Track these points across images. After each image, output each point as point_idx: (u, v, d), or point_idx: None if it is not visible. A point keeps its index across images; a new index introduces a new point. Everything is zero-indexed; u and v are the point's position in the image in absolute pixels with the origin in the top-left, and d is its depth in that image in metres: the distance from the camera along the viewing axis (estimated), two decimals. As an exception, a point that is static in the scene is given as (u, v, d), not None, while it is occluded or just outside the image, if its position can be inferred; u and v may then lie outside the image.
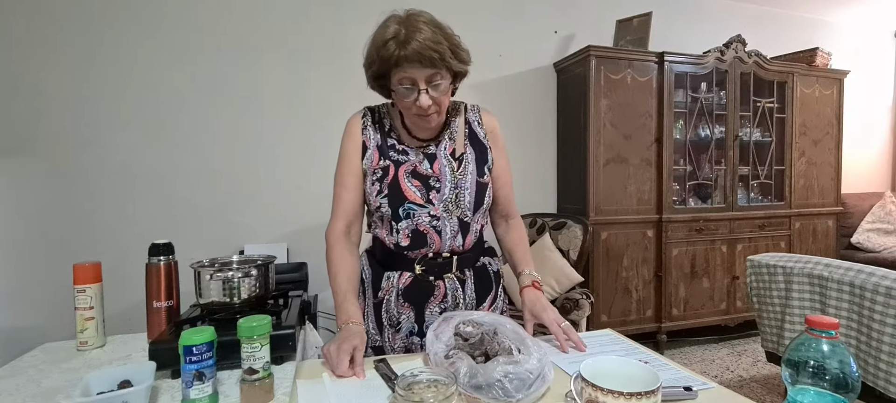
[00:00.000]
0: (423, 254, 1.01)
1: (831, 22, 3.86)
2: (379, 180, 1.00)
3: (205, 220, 2.42)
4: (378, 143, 1.03)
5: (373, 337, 1.06)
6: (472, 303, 1.06)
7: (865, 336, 1.53)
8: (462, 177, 1.01)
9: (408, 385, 0.64)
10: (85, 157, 2.25)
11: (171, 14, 2.34)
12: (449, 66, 0.91)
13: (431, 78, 0.90)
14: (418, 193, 0.99)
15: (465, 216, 1.02)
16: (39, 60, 2.18)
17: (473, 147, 1.05)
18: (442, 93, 0.92)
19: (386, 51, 0.88)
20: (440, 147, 1.03)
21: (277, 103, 2.51)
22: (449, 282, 1.03)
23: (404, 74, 0.89)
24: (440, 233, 1.00)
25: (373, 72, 0.95)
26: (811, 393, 0.56)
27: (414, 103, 0.91)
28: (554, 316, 0.98)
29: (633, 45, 2.86)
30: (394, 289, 1.03)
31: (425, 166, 1.01)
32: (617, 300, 2.74)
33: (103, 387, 0.72)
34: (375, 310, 1.06)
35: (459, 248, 1.02)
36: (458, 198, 1.00)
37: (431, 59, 0.87)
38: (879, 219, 3.56)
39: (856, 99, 3.82)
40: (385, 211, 0.99)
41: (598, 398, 0.57)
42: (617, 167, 2.74)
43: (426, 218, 0.99)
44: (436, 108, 0.93)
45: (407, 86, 0.90)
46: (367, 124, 1.05)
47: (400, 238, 1.00)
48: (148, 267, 1.02)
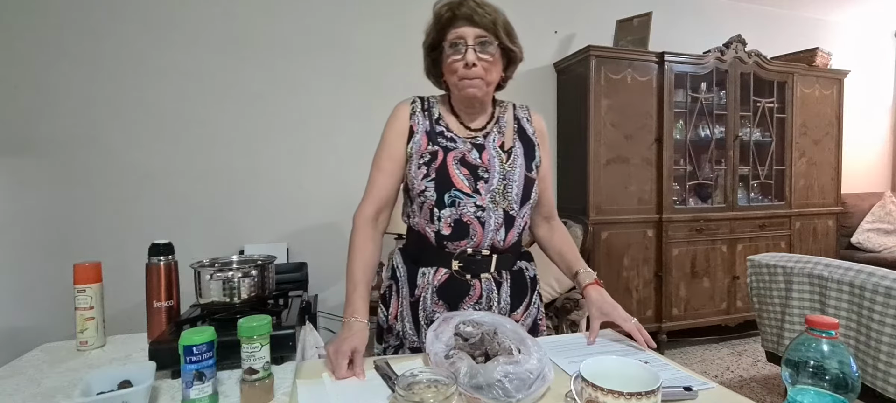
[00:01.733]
0: (463, 248, 0.98)
1: (831, 22, 3.86)
2: (426, 164, 0.98)
3: (205, 220, 2.42)
4: (426, 129, 1.01)
5: (411, 339, 1.03)
6: (506, 309, 1.03)
7: (865, 336, 1.53)
8: (511, 170, 1.00)
9: (408, 385, 0.64)
10: (85, 157, 2.25)
11: (172, 14, 2.34)
12: (498, 36, 0.94)
13: (480, 38, 0.93)
14: (466, 181, 0.97)
15: (512, 209, 0.99)
16: (39, 60, 2.18)
17: (522, 142, 1.05)
18: (490, 59, 0.94)
19: (440, 12, 0.94)
20: (489, 139, 1.02)
21: (278, 103, 2.51)
22: (485, 283, 1.00)
23: (455, 32, 0.93)
24: (483, 225, 0.97)
25: (429, 41, 0.99)
26: (811, 393, 0.56)
27: (460, 62, 0.93)
28: (623, 313, 0.98)
29: (634, 45, 2.86)
30: (429, 286, 1.00)
31: (474, 155, 0.99)
32: (617, 300, 2.67)
33: (103, 387, 0.72)
34: (412, 310, 1.02)
35: (501, 244, 1.00)
36: (506, 189, 0.99)
37: (483, 20, 0.92)
38: (879, 219, 3.56)
39: (856, 99, 3.82)
40: (429, 196, 0.96)
41: (598, 398, 0.57)
42: (617, 167, 2.74)
43: (471, 209, 0.96)
44: (480, 73, 0.94)
45: (456, 45, 0.93)
46: (416, 111, 1.04)
47: (441, 226, 0.97)
48: (148, 267, 1.01)
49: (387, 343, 1.08)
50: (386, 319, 1.08)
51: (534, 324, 1.09)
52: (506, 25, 0.96)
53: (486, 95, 1.00)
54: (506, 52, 0.98)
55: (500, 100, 1.10)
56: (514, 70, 1.04)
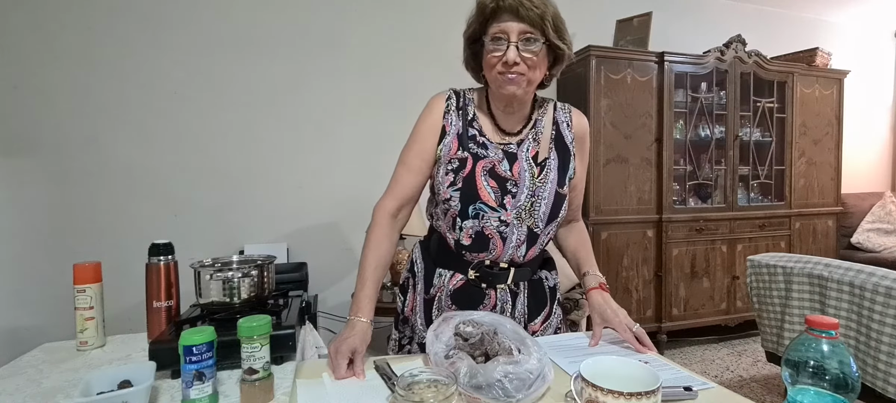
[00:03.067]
0: (481, 260, 0.96)
1: (831, 22, 3.86)
2: (454, 171, 0.93)
3: (205, 220, 2.42)
4: (458, 131, 0.96)
5: (421, 334, 1.02)
6: (523, 319, 1.00)
7: (865, 336, 1.53)
8: (541, 186, 0.95)
9: (408, 385, 0.64)
10: (85, 157, 2.25)
11: (172, 14, 2.34)
12: (545, 32, 0.86)
13: (525, 34, 0.85)
14: (493, 195, 0.93)
15: (537, 227, 0.96)
16: (39, 60, 2.18)
17: (558, 152, 0.99)
18: (534, 57, 0.86)
19: (483, 2, 0.86)
20: (522, 147, 0.96)
21: (277, 103, 2.51)
22: (501, 293, 0.98)
23: (498, 26, 0.86)
24: (505, 241, 0.94)
25: (470, 32, 0.92)
26: (811, 393, 0.56)
27: (500, 59, 0.86)
28: (625, 320, 0.94)
29: (634, 45, 2.86)
30: (445, 289, 0.98)
31: (504, 166, 0.94)
32: (617, 300, 2.69)
33: (103, 387, 0.72)
34: (426, 307, 1.01)
35: (520, 260, 0.97)
36: (534, 206, 0.94)
37: (529, 14, 0.83)
38: (879, 219, 3.56)
39: (856, 99, 3.82)
40: (454, 205, 0.93)
41: (598, 398, 0.57)
42: (617, 167, 2.74)
43: (495, 223, 0.93)
44: (523, 69, 0.86)
45: (498, 40, 0.86)
46: (450, 108, 0.98)
47: (462, 236, 0.94)
48: (148, 267, 1.01)
49: (402, 333, 1.08)
50: (403, 309, 1.08)
51: (555, 334, 1.07)
52: (556, 20, 0.87)
53: (526, 94, 0.93)
54: (552, 49, 0.90)
55: (543, 98, 1.03)
56: (560, 69, 0.95)
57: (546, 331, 1.05)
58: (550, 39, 0.87)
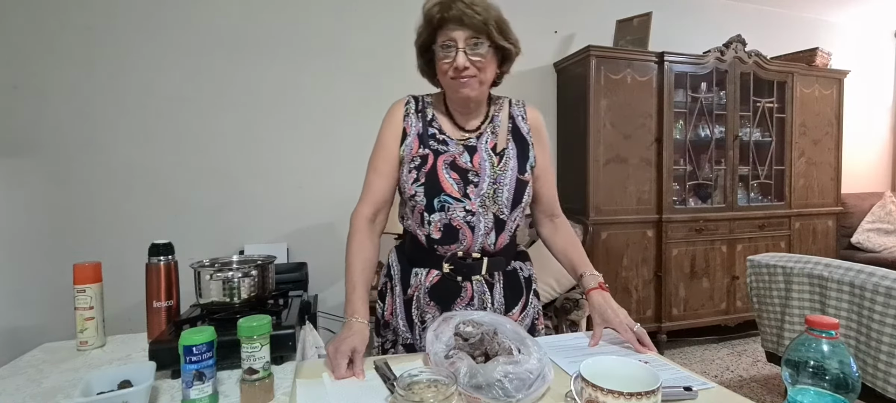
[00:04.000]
0: (453, 252, 0.99)
1: (831, 22, 3.86)
2: (416, 168, 0.98)
3: (205, 220, 2.42)
4: (419, 131, 1.01)
5: (404, 335, 1.04)
6: (501, 309, 1.03)
7: (865, 336, 1.53)
8: (502, 173, 0.99)
9: (408, 385, 0.64)
10: (85, 157, 2.25)
11: (171, 14, 2.34)
12: (491, 36, 0.91)
13: (471, 39, 0.90)
14: (455, 186, 0.97)
15: (502, 213, 0.99)
16: (39, 61, 2.18)
17: (516, 142, 1.03)
18: (481, 59, 0.92)
19: (430, 13, 0.92)
20: (481, 140, 1.01)
21: (277, 103, 2.51)
22: (477, 285, 1.01)
23: (446, 35, 0.91)
24: (473, 230, 0.97)
25: (420, 42, 0.98)
26: (811, 393, 0.56)
27: (451, 65, 0.91)
28: (625, 320, 0.96)
29: (633, 45, 2.85)
30: (422, 286, 1.01)
31: (465, 159, 0.99)
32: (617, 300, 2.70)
33: (103, 387, 0.72)
34: (406, 307, 1.04)
35: (491, 248, 1.00)
36: (497, 193, 0.98)
37: (473, 21, 0.89)
38: (879, 219, 3.56)
39: (856, 99, 3.82)
40: (419, 201, 0.97)
41: (598, 398, 0.57)
42: (617, 167, 2.74)
43: (461, 213, 0.97)
44: (473, 72, 0.92)
45: (447, 47, 0.91)
46: (410, 112, 1.03)
47: (431, 230, 0.98)
48: (148, 267, 1.02)
49: (384, 337, 1.10)
50: (382, 314, 1.10)
51: (531, 325, 1.09)
52: (499, 22, 0.93)
53: (480, 94, 0.98)
54: (500, 50, 0.95)
55: (497, 96, 1.09)
56: (510, 66, 1.01)
57: (524, 321, 1.07)
58: (496, 41, 0.92)
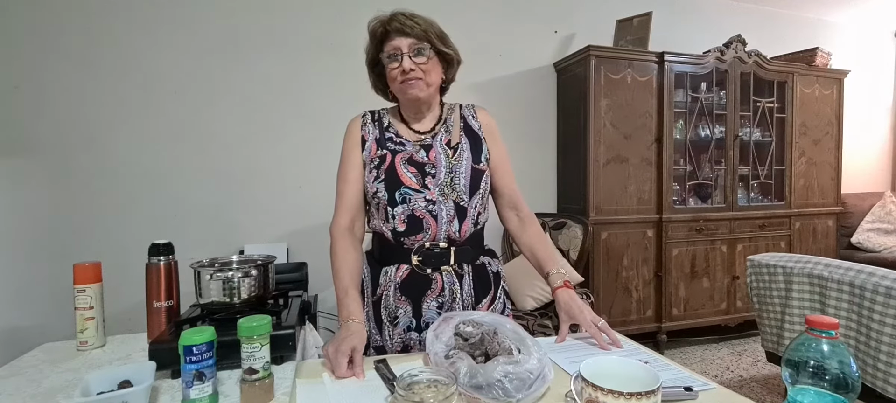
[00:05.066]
0: (420, 243, 1.02)
1: (831, 22, 3.86)
2: (376, 167, 1.04)
3: (205, 220, 2.42)
4: (376, 137, 1.08)
5: (373, 337, 1.06)
6: (470, 301, 1.06)
7: (865, 336, 1.53)
8: (457, 163, 1.05)
9: (408, 385, 0.64)
10: (85, 157, 2.25)
11: (171, 14, 2.34)
12: (431, 42, 1.00)
13: (413, 46, 0.99)
14: (414, 178, 1.02)
15: (462, 200, 1.04)
16: (39, 60, 2.18)
17: (469, 137, 1.10)
18: (426, 61, 1.00)
19: (374, 29, 1.02)
20: (436, 138, 1.08)
21: (277, 103, 2.51)
22: (446, 276, 1.04)
23: (391, 45, 1.00)
24: (436, 218, 1.02)
25: (368, 59, 1.07)
26: (811, 393, 0.56)
27: (398, 69, 0.99)
28: (590, 316, 0.98)
29: (633, 45, 2.85)
30: (391, 283, 1.03)
31: (421, 155, 1.05)
32: (617, 300, 2.74)
33: (103, 387, 0.72)
34: (375, 309, 1.06)
35: (456, 236, 1.03)
36: (454, 181, 1.03)
37: (414, 30, 0.98)
38: (879, 219, 3.56)
39: (856, 99, 3.82)
40: (382, 197, 1.02)
41: (598, 398, 0.57)
42: (617, 167, 2.74)
43: (422, 203, 1.01)
44: (419, 74, 1.00)
45: (393, 57, 1.00)
46: (367, 122, 1.11)
47: (396, 224, 1.02)
48: (148, 267, 1.02)
49: None
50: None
51: None
52: (438, 32, 1.02)
53: (429, 96, 1.05)
54: (442, 56, 1.04)
55: (449, 103, 1.16)
56: (455, 72, 1.10)
57: (494, 313, 1.07)
58: (436, 46, 1.02)
